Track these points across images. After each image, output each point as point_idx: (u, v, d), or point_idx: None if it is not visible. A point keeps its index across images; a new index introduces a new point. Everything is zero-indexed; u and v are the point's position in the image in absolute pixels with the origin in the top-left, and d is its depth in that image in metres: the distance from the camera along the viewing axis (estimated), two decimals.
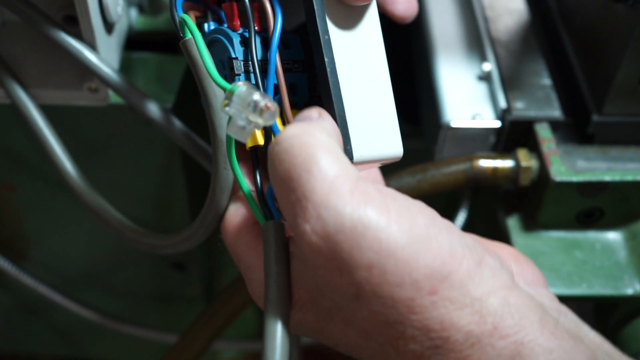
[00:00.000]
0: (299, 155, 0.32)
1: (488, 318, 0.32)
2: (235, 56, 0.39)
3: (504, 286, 0.33)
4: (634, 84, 0.51)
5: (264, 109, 0.33)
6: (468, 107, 0.56)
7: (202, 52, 0.38)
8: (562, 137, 0.55)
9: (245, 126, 0.34)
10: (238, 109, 0.34)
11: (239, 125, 0.34)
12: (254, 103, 0.34)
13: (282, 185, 0.33)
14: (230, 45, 0.39)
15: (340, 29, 0.38)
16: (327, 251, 0.32)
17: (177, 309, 0.78)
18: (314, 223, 0.31)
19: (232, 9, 0.40)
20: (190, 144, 0.49)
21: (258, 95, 0.34)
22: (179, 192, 0.62)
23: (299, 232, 0.32)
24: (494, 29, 0.61)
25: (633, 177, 0.50)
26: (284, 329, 0.34)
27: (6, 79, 0.50)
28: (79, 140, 0.57)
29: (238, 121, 0.34)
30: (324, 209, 0.31)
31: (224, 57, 0.40)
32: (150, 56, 0.57)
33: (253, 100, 0.34)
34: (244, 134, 0.34)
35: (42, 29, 0.46)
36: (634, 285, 0.50)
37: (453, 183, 0.53)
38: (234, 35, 0.40)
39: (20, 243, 0.70)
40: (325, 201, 0.31)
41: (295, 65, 0.40)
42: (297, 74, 0.40)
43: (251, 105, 0.34)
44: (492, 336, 0.31)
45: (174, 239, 0.46)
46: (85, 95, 0.52)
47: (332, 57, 0.37)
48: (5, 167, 0.62)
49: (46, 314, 0.80)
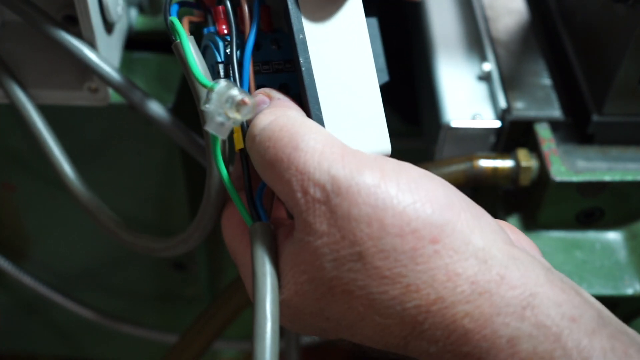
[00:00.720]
0: (282, 138, 0.34)
1: (494, 268, 0.31)
2: (222, 60, 0.40)
3: (505, 241, 0.33)
4: (634, 83, 0.51)
5: (240, 103, 0.34)
6: (468, 107, 0.56)
7: (188, 53, 0.38)
8: (562, 137, 0.55)
9: (223, 122, 0.35)
10: (217, 105, 0.34)
11: (218, 122, 0.35)
12: (232, 98, 0.34)
13: (273, 169, 0.34)
14: (216, 50, 0.40)
15: (319, 27, 0.38)
16: (329, 216, 0.32)
17: (177, 309, 0.78)
18: (313, 192, 0.33)
19: (219, 13, 0.41)
20: (191, 143, 0.49)
21: (236, 90, 0.34)
22: (179, 192, 0.62)
23: (299, 206, 0.33)
24: (494, 29, 0.61)
25: (633, 177, 0.50)
26: (273, 329, 0.34)
27: (5, 79, 0.50)
28: (79, 140, 0.57)
29: (217, 117, 0.35)
30: (319, 177, 0.33)
31: (213, 62, 0.40)
32: (150, 56, 0.57)
33: (230, 95, 0.34)
34: (223, 130, 0.35)
35: (43, 28, 0.46)
36: (634, 285, 0.50)
37: (453, 183, 0.53)
38: (220, 40, 0.40)
39: (20, 243, 0.70)
40: (319, 169, 0.33)
41: (286, 65, 0.40)
42: (289, 73, 0.40)
43: (229, 101, 0.34)
44: (500, 286, 0.31)
45: (171, 242, 0.46)
46: (85, 95, 0.52)
47: (307, 57, 0.37)
48: (5, 167, 0.62)
49: (46, 314, 0.80)
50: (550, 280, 0.32)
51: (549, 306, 0.31)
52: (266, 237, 0.36)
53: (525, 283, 0.31)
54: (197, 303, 0.75)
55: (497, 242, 0.33)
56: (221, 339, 0.69)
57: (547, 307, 0.31)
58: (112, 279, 0.74)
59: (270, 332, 0.34)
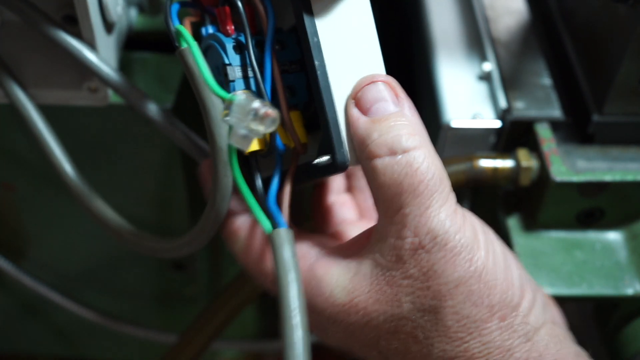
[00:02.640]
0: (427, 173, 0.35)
1: (537, 346, 0.36)
2: (229, 62, 0.39)
3: (552, 320, 0.38)
4: (634, 83, 0.51)
5: (264, 116, 0.34)
6: (468, 107, 0.56)
7: (199, 62, 0.38)
8: (562, 137, 0.54)
9: (247, 135, 0.34)
10: (238, 117, 0.34)
11: (241, 134, 0.34)
12: (254, 111, 0.34)
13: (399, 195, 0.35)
14: (224, 51, 0.39)
15: (332, 28, 0.37)
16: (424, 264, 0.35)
17: (177, 309, 0.78)
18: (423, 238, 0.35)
19: (225, 13, 0.40)
20: (190, 144, 0.49)
21: (258, 102, 0.34)
22: (179, 192, 0.62)
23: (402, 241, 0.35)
24: (494, 29, 0.61)
25: (633, 177, 0.50)
26: (304, 338, 0.34)
27: (5, 79, 0.50)
28: (78, 140, 0.57)
29: (239, 130, 0.34)
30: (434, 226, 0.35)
31: (219, 63, 0.40)
32: (150, 56, 0.57)
33: (253, 108, 0.34)
34: (246, 142, 0.35)
35: (42, 28, 0.46)
36: (634, 286, 0.50)
37: (453, 183, 0.53)
38: (227, 41, 0.39)
39: (20, 243, 0.70)
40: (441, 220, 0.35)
41: (292, 66, 0.40)
42: (294, 74, 0.40)
43: (251, 114, 0.34)
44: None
45: (174, 243, 0.46)
46: (85, 95, 0.52)
47: (322, 59, 0.37)
48: (5, 167, 0.62)
49: (46, 314, 0.80)
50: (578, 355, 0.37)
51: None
52: (290, 242, 0.37)
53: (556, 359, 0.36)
54: (197, 303, 0.75)
55: (545, 322, 0.37)
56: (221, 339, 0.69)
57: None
58: (112, 279, 0.74)
59: (302, 343, 0.34)
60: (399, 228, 0.35)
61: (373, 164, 0.36)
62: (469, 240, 0.35)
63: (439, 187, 0.35)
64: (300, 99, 0.40)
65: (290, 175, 0.40)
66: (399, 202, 0.35)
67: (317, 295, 0.38)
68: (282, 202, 0.39)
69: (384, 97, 0.37)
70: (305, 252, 0.40)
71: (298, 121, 0.40)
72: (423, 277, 0.35)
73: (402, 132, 0.36)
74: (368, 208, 0.49)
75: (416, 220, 0.35)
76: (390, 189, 0.35)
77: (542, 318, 0.37)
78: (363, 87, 0.37)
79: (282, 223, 0.37)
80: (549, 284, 0.50)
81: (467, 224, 0.36)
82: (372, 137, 0.36)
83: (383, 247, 0.36)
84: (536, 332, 0.36)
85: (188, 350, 0.57)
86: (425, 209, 0.35)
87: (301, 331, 0.34)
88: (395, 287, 0.35)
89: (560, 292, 0.50)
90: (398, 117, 0.36)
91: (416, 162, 0.35)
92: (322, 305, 0.38)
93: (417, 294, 0.35)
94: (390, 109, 0.37)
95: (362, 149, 0.36)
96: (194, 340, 0.56)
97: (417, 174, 0.35)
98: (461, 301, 0.35)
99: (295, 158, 0.40)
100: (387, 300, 0.36)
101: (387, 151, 0.35)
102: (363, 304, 0.36)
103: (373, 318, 0.36)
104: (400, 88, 0.38)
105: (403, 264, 0.35)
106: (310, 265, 0.39)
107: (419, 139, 0.36)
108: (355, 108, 0.37)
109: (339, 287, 0.37)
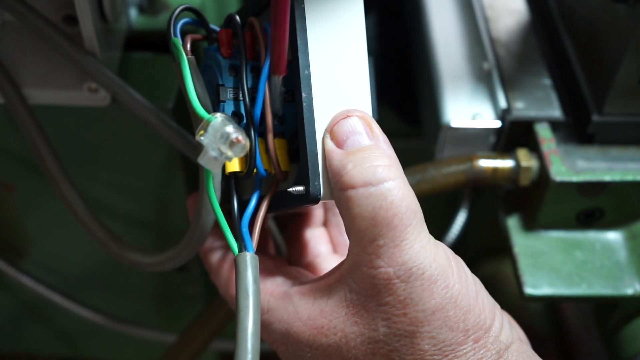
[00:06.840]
0: (399, 207, 0.36)
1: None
2: (222, 83, 0.40)
3: (518, 338, 0.39)
4: (634, 83, 0.51)
5: (234, 141, 0.34)
6: (468, 107, 0.56)
7: (187, 78, 0.38)
8: (562, 137, 0.54)
9: (217, 157, 0.35)
10: (211, 139, 0.35)
11: (211, 156, 0.35)
12: (227, 135, 0.34)
13: (373, 227, 0.36)
14: (219, 72, 0.40)
15: (324, 63, 0.38)
16: (400, 293, 0.36)
17: (177, 309, 0.78)
18: (398, 269, 0.35)
19: (227, 36, 0.41)
20: (190, 147, 0.49)
21: (231, 127, 0.34)
22: (178, 192, 0.62)
23: (376, 271, 0.36)
24: (494, 29, 0.61)
25: (633, 177, 0.50)
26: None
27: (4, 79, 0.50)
28: (78, 141, 0.57)
29: (210, 152, 0.35)
30: (408, 259, 0.36)
31: (214, 82, 0.40)
32: (150, 56, 0.57)
33: (225, 132, 0.34)
34: (216, 164, 0.35)
35: (41, 31, 0.46)
36: (634, 285, 0.50)
37: (453, 183, 0.53)
38: (224, 62, 0.40)
39: (20, 243, 0.70)
40: (416, 251, 0.36)
41: (286, 95, 0.40)
42: (287, 104, 0.40)
43: (223, 137, 0.34)
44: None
45: (159, 258, 0.46)
46: (85, 95, 0.52)
47: (309, 92, 0.37)
48: (5, 167, 0.62)
49: (46, 314, 0.80)
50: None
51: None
52: (253, 268, 0.37)
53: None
54: (197, 303, 0.75)
55: (514, 340, 0.38)
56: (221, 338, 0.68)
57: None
58: (111, 279, 0.74)
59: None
60: (372, 258, 0.36)
61: (347, 195, 0.36)
62: (443, 268, 0.36)
63: (412, 220, 0.36)
64: (288, 128, 0.41)
65: (266, 201, 0.40)
66: (373, 234, 0.36)
67: (295, 319, 0.39)
68: (254, 227, 0.39)
69: (358, 131, 0.38)
70: (283, 279, 0.41)
71: (282, 149, 0.40)
72: (399, 305, 0.36)
73: (376, 163, 0.36)
74: (341, 243, 0.50)
75: (390, 252, 0.35)
76: (365, 221, 0.36)
77: (510, 337, 0.38)
78: (339, 121, 0.38)
79: (249, 247, 0.38)
80: (548, 284, 0.50)
81: (440, 252, 0.37)
82: (346, 168, 0.36)
83: (356, 274, 0.37)
84: (507, 349, 0.37)
85: (187, 350, 0.57)
86: (399, 242, 0.35)
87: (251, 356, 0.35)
88: (372, 312, 0.37)
89: (560, 292, 0.50)
90: (373, 149, 0.37)
91: (390, 195, 0.36)
92: (300, 329, 0.39)
93: (393, 319, 0.36)
94: (365, 142, 0.37)
95: (337, 180, 0.37)
96: (193, 340, 0.56)
97: (392, 207, 0.35)
98: (438, 327, 0.36)
99: (275, 184, 0.41)
100: (364, 322, 0.37)
101: (362, 182, 0.36)
102: (341, 325, 0.37)
103: (350, 339, 0.37)
104: (376, 124, 0.39)
105: (378, 292, 0.36)
106: (287, 291, 0.40)
107: (393, 171, 0.36)
108: (331, 141, 0.38)
109: (317, 310, 0.38)
